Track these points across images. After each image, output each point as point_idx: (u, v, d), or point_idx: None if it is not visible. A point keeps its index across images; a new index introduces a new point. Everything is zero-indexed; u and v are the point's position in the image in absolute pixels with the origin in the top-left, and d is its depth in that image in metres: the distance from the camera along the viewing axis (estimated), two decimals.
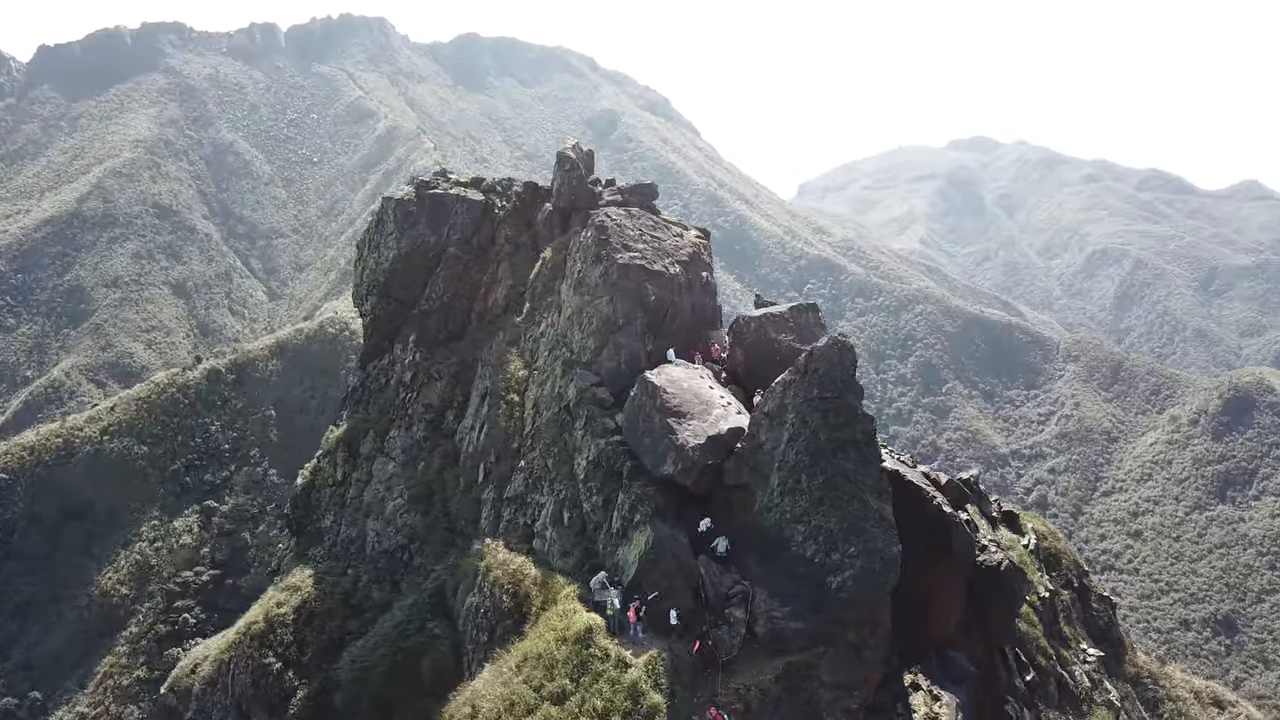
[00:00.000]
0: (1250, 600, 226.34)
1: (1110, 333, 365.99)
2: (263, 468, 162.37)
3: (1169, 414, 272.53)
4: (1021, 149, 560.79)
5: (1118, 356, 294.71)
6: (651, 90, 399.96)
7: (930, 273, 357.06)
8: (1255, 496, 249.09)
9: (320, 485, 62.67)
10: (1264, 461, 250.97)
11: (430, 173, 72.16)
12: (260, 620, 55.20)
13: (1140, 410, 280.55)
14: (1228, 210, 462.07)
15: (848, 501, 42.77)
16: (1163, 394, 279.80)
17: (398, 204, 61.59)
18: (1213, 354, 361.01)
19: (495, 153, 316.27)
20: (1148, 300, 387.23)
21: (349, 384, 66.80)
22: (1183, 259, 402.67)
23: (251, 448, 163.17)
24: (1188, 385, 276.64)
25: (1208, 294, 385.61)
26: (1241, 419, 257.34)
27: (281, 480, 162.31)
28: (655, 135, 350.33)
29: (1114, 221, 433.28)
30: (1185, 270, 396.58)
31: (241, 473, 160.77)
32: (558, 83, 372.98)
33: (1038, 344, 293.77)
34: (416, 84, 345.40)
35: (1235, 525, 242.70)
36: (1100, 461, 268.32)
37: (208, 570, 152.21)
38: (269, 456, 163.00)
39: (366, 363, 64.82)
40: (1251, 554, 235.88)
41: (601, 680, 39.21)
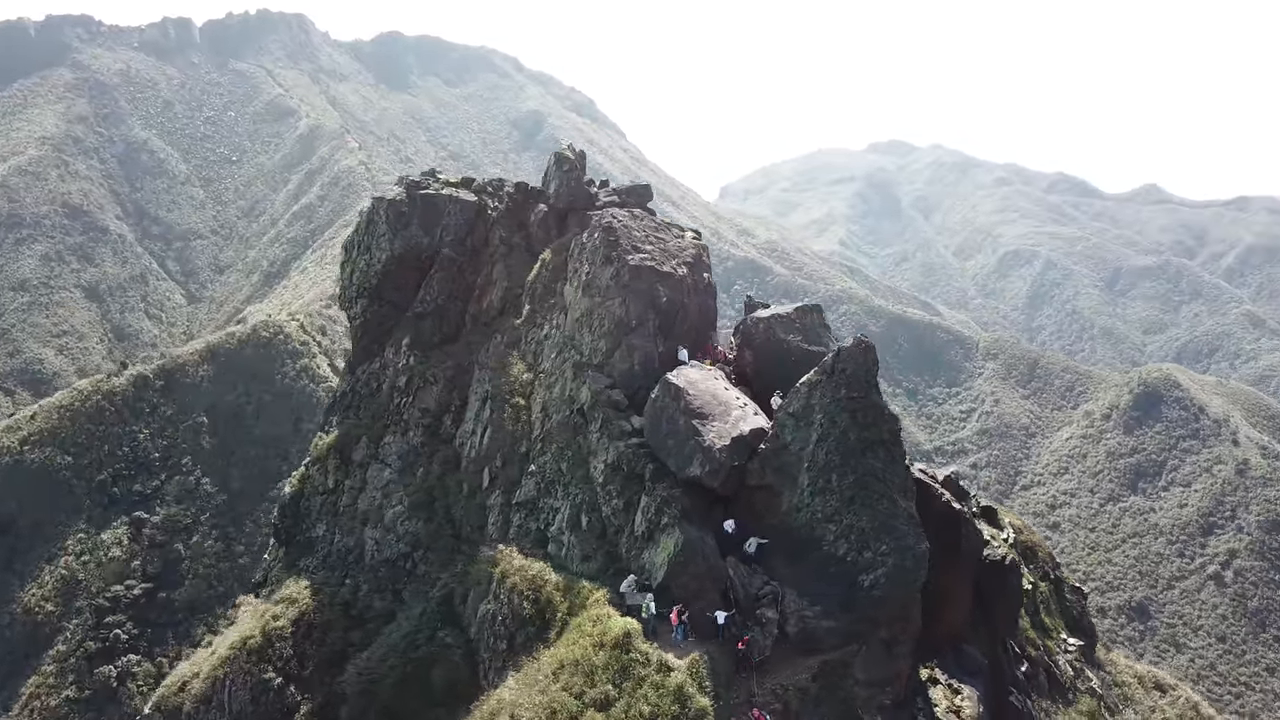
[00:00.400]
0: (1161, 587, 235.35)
1: (1023, 331, 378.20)
2: (195, 477, 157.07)
3: (1083, 409, 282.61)
4: (937, 152, 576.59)
5: (1033, 354, 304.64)
6: (577, 91, 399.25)
7: (852, 274, 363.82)
8: (1164, 488, 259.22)
9: (310, 494, 60.81)
10: (1172, 454, 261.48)
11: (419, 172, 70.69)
12: (256, 634, 53.30)
13: (1056, 406, 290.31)
14: (1130, 213, 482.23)
15: (877, 500, 43.35)
16: (1076, 390, 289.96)
17: (390, 204, 60.16)
18: (1118, 351, 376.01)
19: (420, 153, 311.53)
20: (1057, 299, 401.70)
21: (337, 389, 64.95)
22: (1089, 260, 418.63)
23: (183, 456, 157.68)
24: (1100, 381, 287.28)
25: (1113, 293, 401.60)
26: (1150, 413, 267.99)
27: (215, 489, 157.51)
28: (582, 136, 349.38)
29: (1025, 223, 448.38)
30: (1091, 270, 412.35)
31: (173, 482, 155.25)
32: (482, 83, 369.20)
33: (958, 343, 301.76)
34: (338, 82, 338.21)
35: (1146, 515, 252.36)
36: (1019, 456, 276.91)
37: (139, 584, 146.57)
38: (201, 465, 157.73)
39: (356, 367, 63.12)
40: (1162, 543, 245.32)
41: (646, 685, 38.92)
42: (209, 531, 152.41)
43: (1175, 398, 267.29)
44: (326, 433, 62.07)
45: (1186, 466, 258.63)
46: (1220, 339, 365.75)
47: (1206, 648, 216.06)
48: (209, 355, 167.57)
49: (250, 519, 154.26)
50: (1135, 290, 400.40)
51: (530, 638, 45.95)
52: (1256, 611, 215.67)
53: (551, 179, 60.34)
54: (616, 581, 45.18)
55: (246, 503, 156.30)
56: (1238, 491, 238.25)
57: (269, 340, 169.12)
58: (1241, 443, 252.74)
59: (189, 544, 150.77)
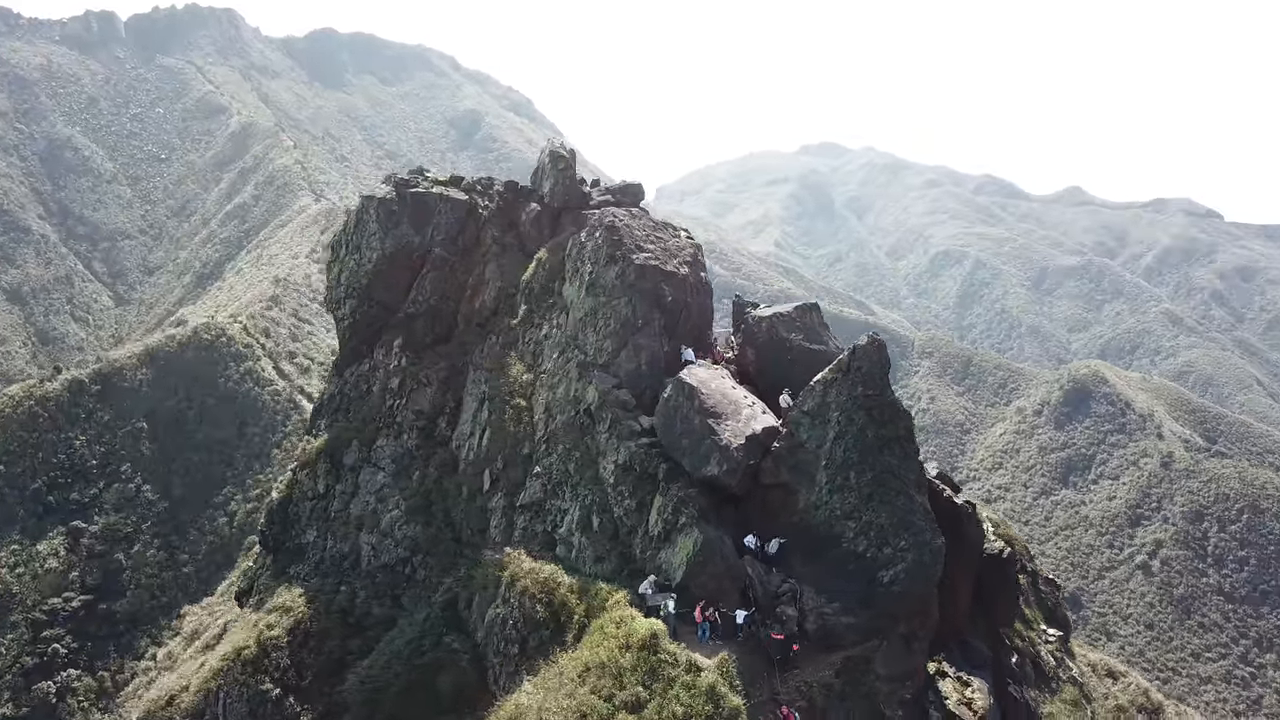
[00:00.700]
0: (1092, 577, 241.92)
1: (954, 330, 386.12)
2: (135, 484, 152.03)
3: (1015, 406, 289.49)
4: (869, 154, 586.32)
5: (967, 352, 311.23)
6: (514, 91, 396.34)
7: (788, 274, 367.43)
8: (1093, 481, 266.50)
9: (298, 499, 59.16)
10: (1100, 448, 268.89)
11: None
12: (251, 644, 51.72)
13: (989, 403, 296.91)
14: (1054, 214, 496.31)
15: (895, 496, 43.84)
16: (1009, 387, 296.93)
17: (380, 203, 58.84)
18: (1045, 348, 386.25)
19: (356, 152, 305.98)
20: (987, 298, 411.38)
21: (324, 392, 63.38)
22: (1016, 260, 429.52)
23: (122, 463, 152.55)
24: (1031, 378, 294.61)
25: (1039, 292, 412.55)
26: (1080, 409, 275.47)
27: (156, 497, 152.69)
28: (520, 136, 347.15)
29: (954, 224, 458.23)
30: (1019, 270, 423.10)
31: (112, 490, 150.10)
32: (419, 81, 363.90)
33: (894, 341, 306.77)
34: (270, 79, 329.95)
35: (1077, 508, 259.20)
36: (955, 452, 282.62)
37: (78, 596, 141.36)
38: (142, 472, 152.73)
39: (344, 369, 61.61)
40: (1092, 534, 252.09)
41: (676, 685, 38.65)
42: (151, 540, 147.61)
43: (1103, 393, 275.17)
44: (315, 436, 60.55)
45: (1114, 460, 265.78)
46: (1141, 336, 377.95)
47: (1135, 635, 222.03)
48: (148, 359, 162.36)
49: (194, 527, 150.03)
50: (1060, 289, 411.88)
51: (544, 641, 45.38)
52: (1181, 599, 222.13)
53: (546, 177, 59.70)
54: (632, 583, 44.97)
55: (189, 510, 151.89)
56: (1163, 484, 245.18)
57: (211, 343, 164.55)
58: (1166, 436, 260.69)
59: (130, 554, 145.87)
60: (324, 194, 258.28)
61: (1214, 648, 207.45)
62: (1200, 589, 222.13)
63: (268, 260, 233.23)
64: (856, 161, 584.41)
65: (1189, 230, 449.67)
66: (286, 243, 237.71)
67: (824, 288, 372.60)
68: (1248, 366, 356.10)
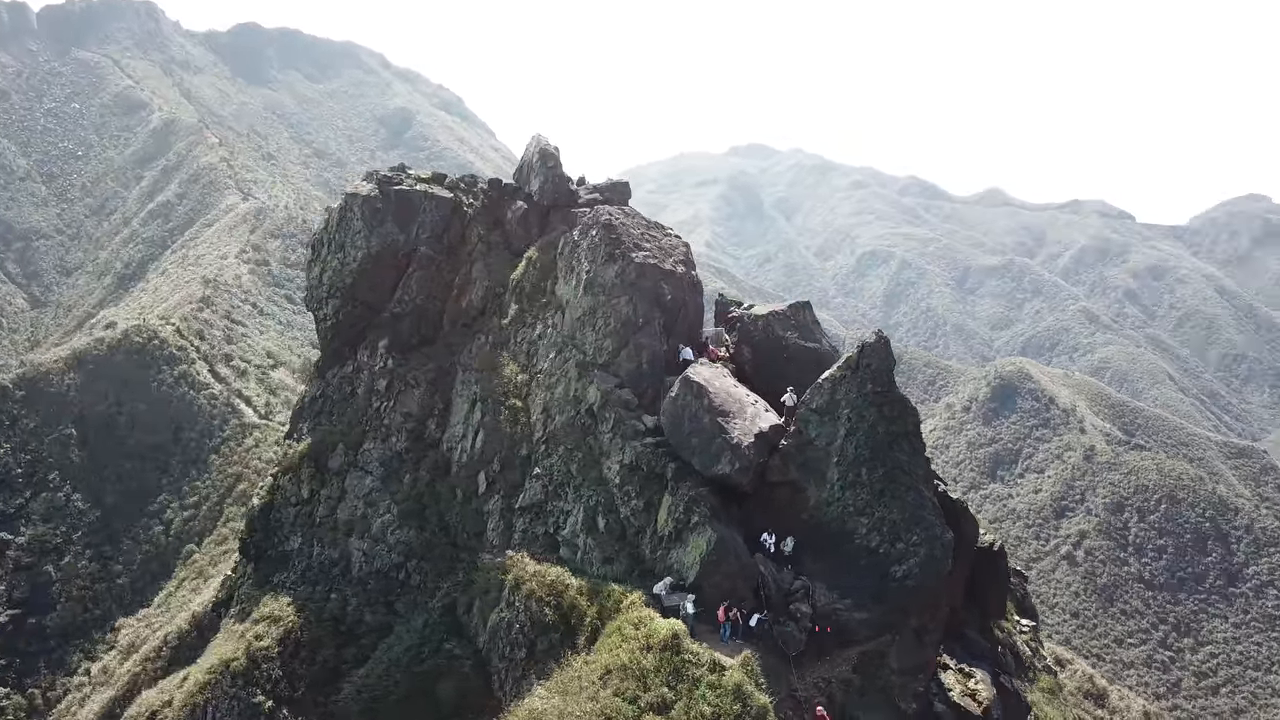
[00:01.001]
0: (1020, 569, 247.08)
1: (882, 329, 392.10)
2: (64, 493, 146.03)
3: (944, 402, 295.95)
4: (797, 156, 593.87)
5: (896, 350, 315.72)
6: (445, 89, 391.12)
7: (719, 274, 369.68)
8: (1020, 475, 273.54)
9: (281, 505, 57.25)
10: (1026, 442, 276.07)
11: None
12: (240, 656, 49.98)
13: (919, 400, 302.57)
14: (976, 215, 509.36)
15: (905, 492, 44.35)
16: (938, 384, 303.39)
17: (364, 200, 57.27)
18: (969, 346, 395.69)
19: (283, 150, 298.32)
20: (912, 298, 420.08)
21: (305, 395, 61.41)
22: (940, 260, 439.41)
23: (50, 471, 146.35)
24: (958, 375, 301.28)
25: (963, 291, 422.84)
26: (1006, 405, 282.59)
27: (87, 505, 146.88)
28: (452, 135, 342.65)
29: (881, 225, 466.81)
30: (943, 270, 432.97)
31: (39, 499, 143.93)
32: (347, 79, 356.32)
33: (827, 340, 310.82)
34: (192, 74, 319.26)
35: (1006, 501, 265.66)
36: None
37: (4, 611, 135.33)
38: (71, 480, 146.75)
39: (325, 371, 59.87)
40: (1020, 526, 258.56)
41: (702, 685, 38.44)
42: (82, 551, 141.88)
43: (1028, 389, 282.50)
44: (297, 440, 58.74)
45: (1040, 454, 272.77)
46: (1060, 334, 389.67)
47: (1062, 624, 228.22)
48: (75, 362, 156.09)
49: (128, 536, 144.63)
50: (983, 288, 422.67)
51: (554, 644, 44.74)
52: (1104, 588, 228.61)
53: (535, 175, 58.88)
54: (643, 583, 44.62)
55: (122, 519, 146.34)
56: (1086, 476, 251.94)
57: (142, 346, 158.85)
58: (1088, 430, 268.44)
59: (60, 565, 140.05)
60: (252, 193, 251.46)
61: (1135, 634, 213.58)
62: (1122, 577, 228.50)
63: (194, 260, 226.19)
64: (785, 163, 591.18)
65: (1103, 231, 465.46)
66: (214, 242, 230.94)
67: (754, 288, 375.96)
68: (1159, 362, 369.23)
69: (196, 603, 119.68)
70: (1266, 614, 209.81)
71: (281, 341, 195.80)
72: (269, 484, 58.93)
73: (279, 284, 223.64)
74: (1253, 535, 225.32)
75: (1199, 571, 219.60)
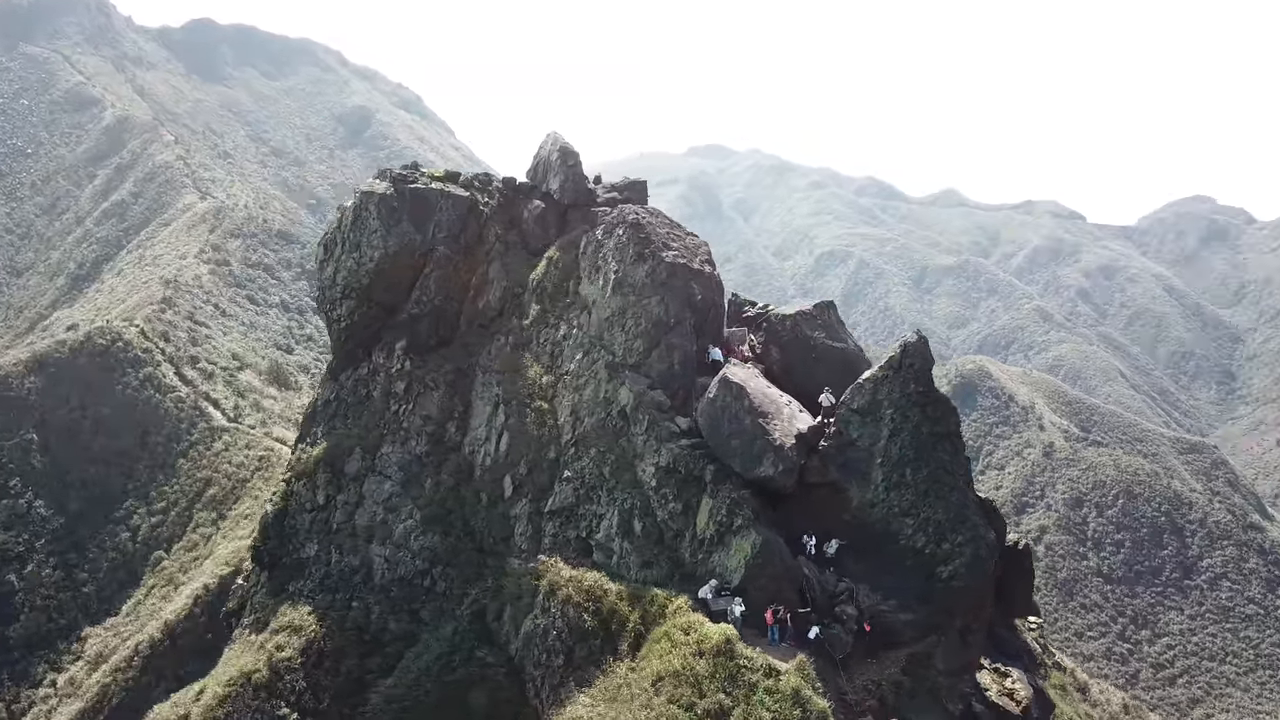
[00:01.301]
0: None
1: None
2: (26, 500, 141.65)
3: None
4: (755, 156, 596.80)
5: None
6: (404, 87, 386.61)
7: None
8: (981, 471, 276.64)
9: (295, 511, 55.61)
10: (987, 439, 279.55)
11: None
12: (261, 667, 48.43)
13: None
14: (932, 215, 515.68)
15: (949, 492, 44.27)
16: None
17: (380, 199, 55.81)
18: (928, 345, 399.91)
19: (240, 148, 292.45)
20: (870, 297, 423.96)
21: (318, 398, 59.73)
22: (898, 259, 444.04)
23: (10, 478, 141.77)
24: None
25: (920, 290, 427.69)
26: (967, 402, 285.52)
27: (50, 512, 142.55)
28: (411, 133, 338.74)
29: (839, 225, 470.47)
30: (900, 270, 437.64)
31: (0, 506, 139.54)
32: (304, 76, 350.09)
33: None
34: (146, 71, 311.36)
35: None
36: None
37: None
38: (33, 487, 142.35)
39: (339, 373, 58.27)
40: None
41: (759, 690, 37.95)
42: (45, 559, 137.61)
43: (988, 387, 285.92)
44: (311, 444, 57.11)
45: (1000, 451, 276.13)
46: (1015, 332, 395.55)
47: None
48: (36, 365, 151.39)
49: (94, 543, 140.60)
50: (940, 288, 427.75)
51: (594, 651, 43.90)
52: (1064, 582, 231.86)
53: (554, 173, 57.92)
54: (685, 587, 44.00)
55: (88, 526, 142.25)
56: (1045, 472, 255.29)
57: (106, 348, 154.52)
58: (1046, 427, 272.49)
59: (23, 574, 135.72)
60: (210, 191, 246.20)
61: (1095, 627, 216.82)
62: (1081, 571, 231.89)
63: (152, 260, 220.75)
64: (743, 163, 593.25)
65: (1056, 231, 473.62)
66: (172, 242, 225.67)
67: None
68: (1111, 359, 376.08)
69: (169, 611, 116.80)
70: (1220, 605, 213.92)
71: (246, 344, 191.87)
72: (282, 490, 57.27)
73: (240, 284, 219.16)
74: (1206, 529, 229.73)
75: (1155, 565, 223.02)
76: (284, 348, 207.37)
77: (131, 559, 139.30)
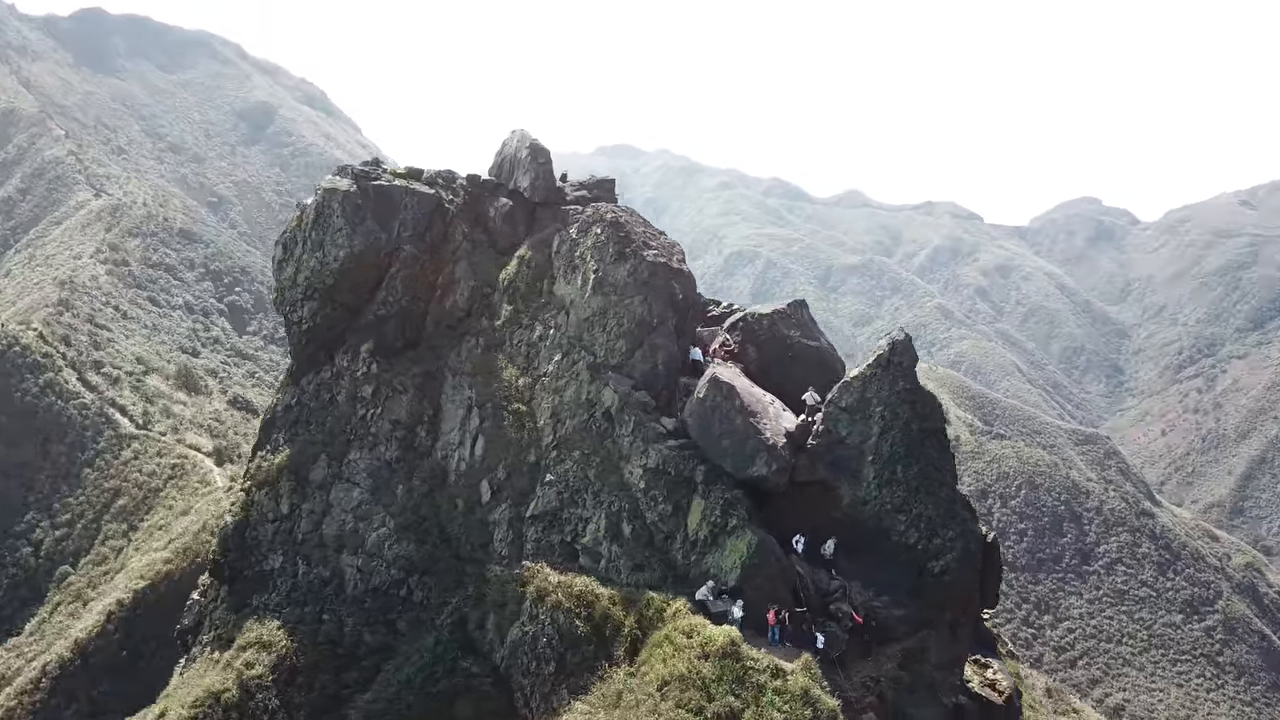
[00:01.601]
0: None
1: None
2: None
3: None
4: (664, 157, 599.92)
5: None
6: (308, 83, 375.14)
7: None
8: None
9: (257, 522, 53.02)
10: None
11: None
12: (230, 687, 46.09)
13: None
14: (836, 216, 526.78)
15: (939, 488, 44.85)
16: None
17: (345, 196, 53.64)
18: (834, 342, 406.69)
19: (135, 143, 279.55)
20: (778, 296, 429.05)
21: (277, 403, 56.97)
22: (804, 259, 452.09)
23: None
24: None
25: (826, 289, 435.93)
26: None
27: None
28: (317, 130, 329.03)
29: (747, 225, 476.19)
30: (807, 269, 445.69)
31: None
32: (203, 70, 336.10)
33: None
34: (31, 61, 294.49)
35: None
36: None
37: None
38: None
39: (300, 377, 55.79)
40: None
41: (769, 691, 37.77)
42: None
43: None
44: (272, 452, 54.57)
45: None
46: (918, 329, 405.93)
47: None
48: None
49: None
50: (845, 286, 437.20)
51: (588, 657, 43.05)
52: None
53: (524, 171, 56.68)
54: (679, 590, 43.53)
55: None
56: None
57: (2, 353, 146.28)
58: (952, 421, 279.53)
59: None
60: (105, 189, 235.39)
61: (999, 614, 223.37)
62: None
63: (44, 261, 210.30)
64: (652, 163, 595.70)
65: (955, 231, 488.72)
66: (65, 241, 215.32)
67: None
68: (1009, 355, 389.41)
69: (78, 629, 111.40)
70: (1116, 589, 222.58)
71: (150, 347, 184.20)
72: (241, 500, 54.63)
73: (141, 285, 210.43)
74: (1103, 516, 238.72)
75: (1056, 552, 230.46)
76: (190, 351, 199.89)
77: (34, 575, 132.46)
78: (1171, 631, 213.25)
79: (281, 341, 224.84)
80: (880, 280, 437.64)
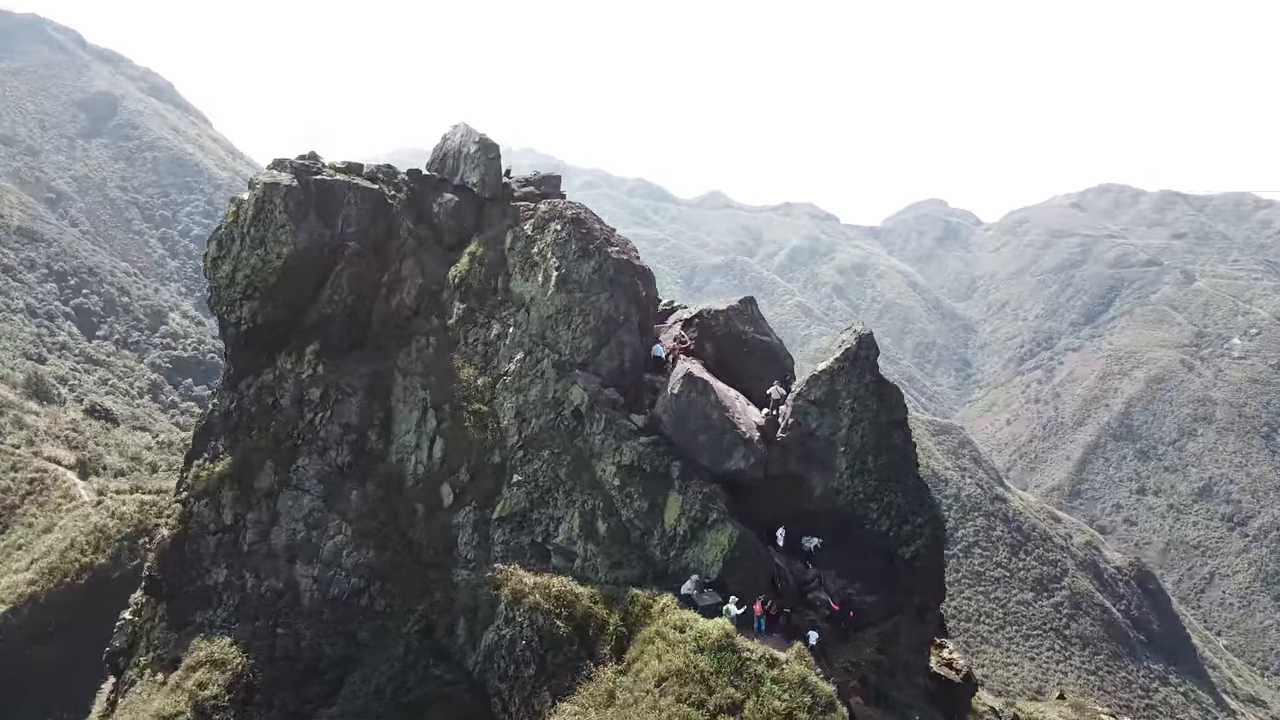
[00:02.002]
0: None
1: None
2: None
3: None
4: (530, 156, 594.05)
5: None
6: (154, 73, 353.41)
7: None
8: None
9: (197, 534, 49.63)
10: None
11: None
12: (184, 709, 43.29)
13: None
14: (700, 216, 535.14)
15: (906, 476, 46.38)
16: None
17: (287, 191, 50.81)
18: None
19: None
20: None
21: (214, 409, 53.33)
22: (670, 259, 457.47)
23: None
24: None
25: (691, 289, 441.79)
26: None
27: None
28: (164, 123, 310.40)
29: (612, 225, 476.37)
30: (672, 269, 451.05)
31: None
32: (36, 58, 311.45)
33: None
34: None
35: None
36: None
37: None
38: None
39: (238, 381, 52.51)
40: None
41: (767, 681, 38.30)
42: None
43: None
44: (211, 460, 51.33)
45: None
46: (780, 328, 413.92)
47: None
48: None
49: None
50: (709, 286, 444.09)
51: (570, 658, 42.61)
52: None
53: (474, 166, 55.19)
54: (661, 586, 43.56)
55: None
56: None
57: None
58: None
59: None
60: None
61: None
62: None
63: None
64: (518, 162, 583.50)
65: (813, 231, 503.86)
66: None
67: None
68: None
69: None
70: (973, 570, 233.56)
71: None
72: (179, 511, 51.29)
73: None
74: (960, 502, 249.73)
75: None
76: (35, 357, 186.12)
77: None
78: (1024, 609, 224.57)
79: (134, 346, 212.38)
80: (743, 280, 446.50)
